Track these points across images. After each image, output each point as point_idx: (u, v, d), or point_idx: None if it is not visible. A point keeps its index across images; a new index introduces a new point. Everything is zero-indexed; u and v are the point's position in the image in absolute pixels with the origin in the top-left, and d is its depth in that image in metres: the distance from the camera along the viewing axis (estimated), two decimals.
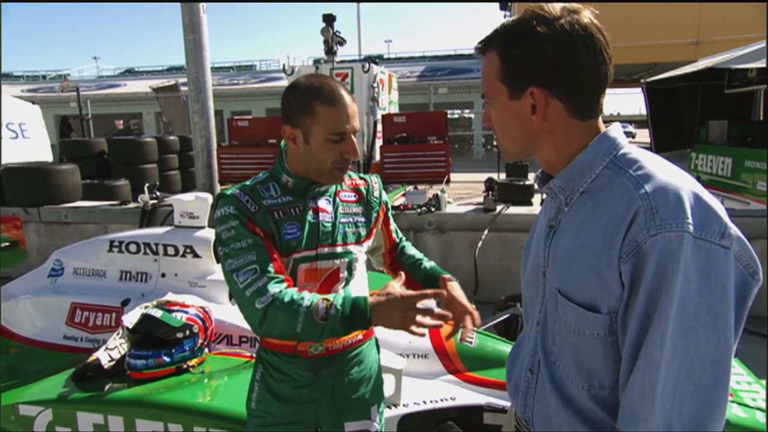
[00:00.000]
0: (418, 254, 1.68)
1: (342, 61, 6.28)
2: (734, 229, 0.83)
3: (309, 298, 1.26)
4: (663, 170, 0.89)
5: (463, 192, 10.26)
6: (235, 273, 1.29)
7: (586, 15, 0.91)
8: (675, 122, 8.02)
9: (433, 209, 5.07)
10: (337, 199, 1.47)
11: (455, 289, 1.44)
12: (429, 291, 1.24)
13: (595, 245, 0.89)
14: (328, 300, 1.25)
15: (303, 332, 1.23)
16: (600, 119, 0.98)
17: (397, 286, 1.25)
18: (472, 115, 20.90)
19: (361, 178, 1.58)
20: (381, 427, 1.59)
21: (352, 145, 1.37)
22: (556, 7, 0.91)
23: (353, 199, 1.51)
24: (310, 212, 1.41)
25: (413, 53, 32.54)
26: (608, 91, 0.97)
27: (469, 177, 10.61)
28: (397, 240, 1.69)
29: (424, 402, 2.09)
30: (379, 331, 2.39)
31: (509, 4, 22.44)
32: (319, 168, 1.38)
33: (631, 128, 36.23)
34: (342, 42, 6.17)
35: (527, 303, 1.13)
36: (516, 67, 0.94)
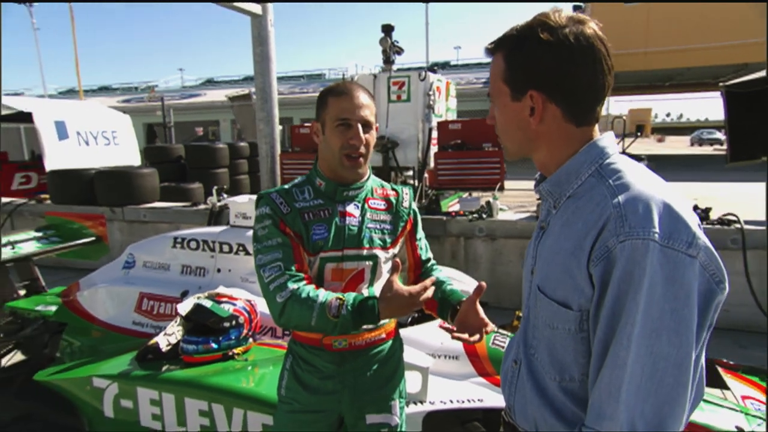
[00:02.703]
0: (443, 276, 1.68)
1: (399, 70, 6.43)
2: (702, 240, 0.86)
3: (324, 295, 1.38)
4: (641, 181, 0.93)
5: (525, 200, 10.05)
6: (262, 268, 1.44)
7: (590, 26, 0.96)
8: (755, 129, 7.40)
9: (484, 216, 5.06)
10: (366, 206, 1.56)
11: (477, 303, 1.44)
12: (428, 282, 1.37)
13: (569, 247, 0.94)
14: (341, 299, 1.36)
15: (317, 326, 1.37)
16: (596, 127, 1.03)
17: (400, 283, 1.35)
18: None
19: (393, 189, 1.66)
20: (401, 421, 1.66)
21: (356, 132, 1.48)
22: (562, 16, 0.96)
23: (382, 207, 1.60)
24: (338, 216, 1.52)
25: (481, 59, 32.09)
26: (693, 95, 1.00)
27: (530, 185, 10.35)
28: (423, 258, 1.70)
29: (451, 401, 2.13)
30: (413, 332, 2.48)
31: (583, 5, 21.67)
32: (333, 157, 1.50)
33: (719, 134, 33.63)
34: (400, 51, 6.31)
35: (523, 299, 1.19)
36: (518, 70, 0.99)
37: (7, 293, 3.68)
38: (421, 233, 1.72)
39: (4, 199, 7.96)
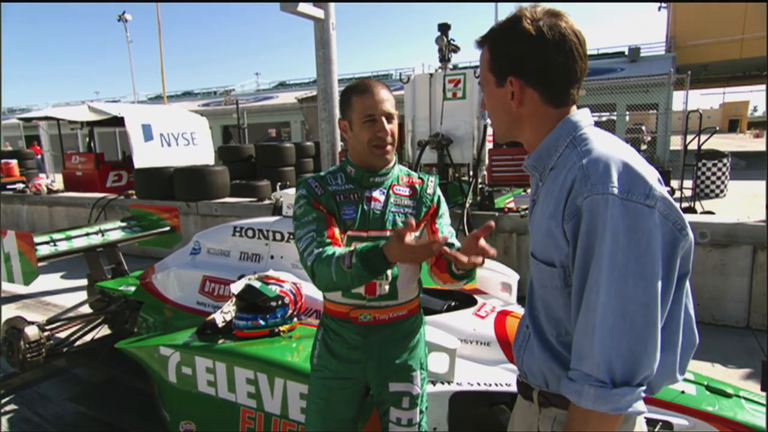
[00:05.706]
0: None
1: (455, 68, 6.48)
2: (659, 191, 0.95)
3: (340, 251, 1.48)
4: (604, 145, 1.03)
5: None
6: (298, 241, 1.61)
7: (564, 19, 1.07)
8: None
9: None
10: (391, 192, 1.71)
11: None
12: (437, 241, 1.32)
13: (550, 211, 1.06)
14: (351, 250, 1.44)
15: (338, 280, 1.45)
16: (574, 107, 1.13)
17: (409, 237, 1.32)
18: (614, 118, 19.26)
19: (419, 177, 1.79)
20: (422, 392, 1.79)
21: (381, 125, 1.62)
22: (538, 11, 1.08)
23: (407, 193, 1.73)
24: (365, 200, 1.67)
25: None
26: None
27: None
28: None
29: (478, 383, 2.21)
30: (447, 318, 2.58)
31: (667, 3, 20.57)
32: (363, 149, 1.65)
33: None
34: (456, 50, 6.35)
35: None
36: (499, 59, 1.12)
37: (98, 275, 4.19)
38: (445, 219, 1.80)
39: (99, 195, 8.90)
